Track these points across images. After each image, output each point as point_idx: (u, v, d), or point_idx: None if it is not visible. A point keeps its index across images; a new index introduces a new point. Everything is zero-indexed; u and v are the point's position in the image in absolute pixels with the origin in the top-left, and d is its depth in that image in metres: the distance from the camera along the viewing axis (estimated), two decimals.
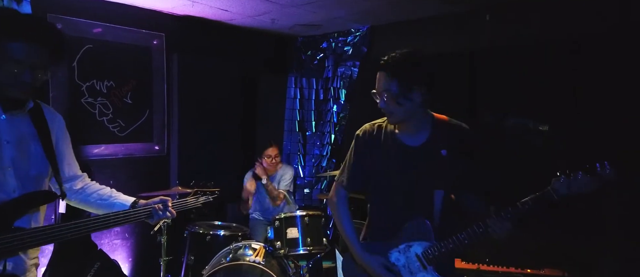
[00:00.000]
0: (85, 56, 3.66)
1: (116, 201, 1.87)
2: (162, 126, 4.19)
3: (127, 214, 1.79)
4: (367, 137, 2.01)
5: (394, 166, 1.94)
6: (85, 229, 1.64)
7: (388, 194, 1.97)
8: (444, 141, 1.92)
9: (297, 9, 3.90)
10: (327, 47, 4.96)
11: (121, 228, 3.99)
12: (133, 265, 4.08)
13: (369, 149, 1.99)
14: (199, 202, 2.19)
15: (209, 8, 3.92)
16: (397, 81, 1.81)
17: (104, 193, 1.90)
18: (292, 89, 5.09)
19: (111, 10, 3.77)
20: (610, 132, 2.89)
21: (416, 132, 1.94)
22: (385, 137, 1.97)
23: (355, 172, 2.04)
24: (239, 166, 4.47)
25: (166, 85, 4.19)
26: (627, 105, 2.90)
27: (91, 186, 1.92)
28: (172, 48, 4.19)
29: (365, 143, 2.01)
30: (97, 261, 3.39)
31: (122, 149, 3.94)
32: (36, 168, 1.67)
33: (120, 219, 1.77)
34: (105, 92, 3.81)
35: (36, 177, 1.67)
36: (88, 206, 1.88)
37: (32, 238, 1.53)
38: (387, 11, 4.00)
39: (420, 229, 1.91)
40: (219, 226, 3.63)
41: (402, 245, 1.93)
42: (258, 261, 3.00)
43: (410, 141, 1.94)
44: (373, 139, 1.99)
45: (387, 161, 1.94)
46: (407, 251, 1.91)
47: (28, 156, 1.65)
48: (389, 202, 1.97)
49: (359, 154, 2.02)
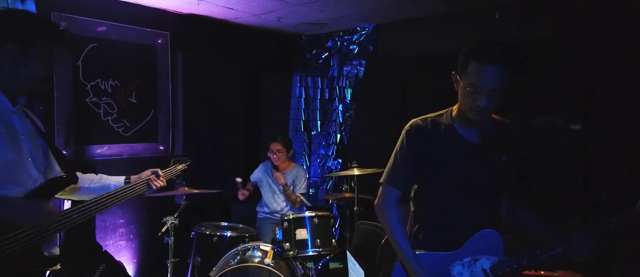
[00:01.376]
0: (90, 55, 3.62)
1: (110, 182, 1.98)
2: (167, 126, 4.15)
3: (131, 187, 1.94)
4: (420, 132, 1.79)
5: (454, 162, 1.75)
6: (102, 205, 1.77)
7: (448, 196, 1.76)
8: (504, 143, 1.77)
9: (304, 7, 3.86)
10: (332, 46, 4.92)
11: (126, 229, 3.96)
12: (138, 266, 4.04)
13: (423, 144, 1.78)
14: (178, 168, 2.39)
15: (215, 6, 3.88)
16: (508, 75, 1.63)
17: (94, 178, 1.99)
18: (297, 88, 5.05)
19: (116, 8, 3.73)
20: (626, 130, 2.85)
21: (480, 127, 1.76)
22: (443, 131, 1.78)
23: (409, 170, 1.79)
24: (244, 165, 4.44)
25: (171, 84, 4.15)
26: None
27: (80, 174, 1.97)
28: (177, 47, 4.16)
29: (419, 137, 1.78)
30: (102, 263, 3.34)
31: (126, 149, 3.90)
32: (47, 159, 1.75)
33: (128, 192, 1.91)
34: (110, 91, 3.77)
35: (48, 168, 1.75)
36: (85, 193, 1.93)
37: (67, 219, 1.63)
38: (394, 9, 3.96)
39: (489, 241, 1.70)
40: (226, 227, 3.59)
41: (468, 258, 1.71)
42: (267, 262, 2.96)
43: (472, 137, 1.77)
44: (428, 134, 1.78)
45: (447, 157, 1.75)
46: (473, 265, 1.70)
47: (38, 147, 1.73)
48: (450, 205, 1.76)
49: (411, 150, 1.79)
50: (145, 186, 2.02)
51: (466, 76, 1.67)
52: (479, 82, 1.63)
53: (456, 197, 1.75)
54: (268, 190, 4.04)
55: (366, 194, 3.85)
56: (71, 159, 3.53)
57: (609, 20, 3.14)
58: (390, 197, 1.80)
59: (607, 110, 2.98)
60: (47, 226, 1.57)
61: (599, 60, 3.07)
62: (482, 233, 1.71)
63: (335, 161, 4.85)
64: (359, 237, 3.42)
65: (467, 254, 1.71)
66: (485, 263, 1.70)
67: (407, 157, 1.79)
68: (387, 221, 1.78)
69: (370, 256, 2.98)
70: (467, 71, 1.67)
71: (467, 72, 1.67)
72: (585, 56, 3.14)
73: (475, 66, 1.64)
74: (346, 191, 4.12)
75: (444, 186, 1.76)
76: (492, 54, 1.63)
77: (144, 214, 4.03)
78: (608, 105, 2.99)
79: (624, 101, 2.95)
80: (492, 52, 1.63)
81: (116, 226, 3.91)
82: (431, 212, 1.80)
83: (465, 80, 1.68)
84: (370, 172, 3.65)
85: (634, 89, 2.92)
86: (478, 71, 1.63)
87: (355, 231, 3.54)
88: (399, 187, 1.81)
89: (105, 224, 3.84)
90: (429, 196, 1.81)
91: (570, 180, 3.07)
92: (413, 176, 1.81)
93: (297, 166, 4.18)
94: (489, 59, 1.62)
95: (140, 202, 3.96)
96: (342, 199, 4.19)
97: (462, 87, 1.70)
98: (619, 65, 3.00)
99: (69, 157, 3.53)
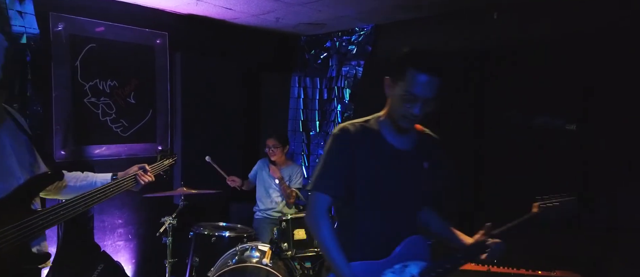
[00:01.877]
0: (88, 55, 3.62)
1: (96, 179, 1.97)
2: (166, 126, 4.15)
3: (118, 183, 1.94)
4: (350, 136, 1.74)
5: (382, 168, 1.74)
6: (91, 201, 1.78)
7: (377, 203, 1.74)
8: (427, 152, 1.81)
9: (303, 7, 3.86)
10: (330, 46, 4.92)
11: (124, 229, 3.96)
12: (136, 267, 4.04)
13: (353, 148, 1.73)
14: (165, 164, 2.38)
15: (213, 7, 3.88)
16: (441, 86, 1.65)
17: (79, 175, 1.97)
18: (295, 88, 5.05)
19: (114, 9, 3.73)
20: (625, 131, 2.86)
21: (406, 135, 1.79)
22: (371, 137, 1.76)
23: (340, 176, 1.73)
24: (243, 165, 4.44)
25: (169, 84, 4.15)
26: None
27: (65, 172, 1.96)
28: (176, 47, 4.15)
29: (348, 142, 1.74)
30: (100, 263, 3.35)
31: (125, 150, 3.90)
32: (31, 155, 1.74)
33: (115, 188, 1.91)
34: (108, 91, 3.76)
35: (32, 165, 1.73)
36: (71, 191, 1.91)
37: (54, 215, 1.64)
38: (392, 10, 3.96)
39: (417, 247, 1.74)
40: (224, 227, 3.59)
41: (398, 265, 1.71)
42: (265, 263, 2.96)
43: (399, 143, 1.78)
44: (357, 139, 1.74)
45: (375, 163, 1.74)
46: (403, 272, 1.71)
47: (21, 144, 1.71)
48: (379, 212, 1.74)
49: (341, 154, 1.74)
50: (133, 182, 2.01)
51: (403, 84, 1.65)
52: (417, 91, 1.63)
53: (385, 204, 1.74)
54: (261, 185, 4.06)
55: None
56: (70, 160, 3.54)
57: (609, 20, 3.13)
58: (321, 205, 1.73)
59: (607, 110, 2.99)
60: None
61: (598, 61, 3.07)
62: (410, 239, 1.73)
63: None
64: None
65: (396, 261, 1.72)
66: (414, 269, 1.72)
67: (337, 161, 1.74)
68: (318, 230, 1.72)
69: None
70: (404, 78, 1.65)
71: (404, 79, 1.65)
72: (585, 56, 3.13)
73: (413, 75, 1.62)
74: None
75: (372, 192, 1.74)
76: (432, 64, 1.63)
77: (142, 215, 4.03)
78: (608, 105, 2.99)
79: (624, 101, 2.95)
80: (432, 63, 1.64)
81: (115, 226, 3.91)
82: (359, 219, 1.76)
83: (401, 88, 1.66)
84: None
85: (634, 89, 2.92)
86: (417, 80, 1.62)
87: None
88: (331, 194, 1.74)
89: (103, 224, 3.84)
90: (356, 202, 1.75)
91: (566, 180, 3.07)
92: (344, 181, 1.74)
93: (295, 164, 4.21)
94: (429, 69, 1.62)
95: (139, 203, 3.96)
96: None
97: (398, 93, 1.68)
98: (618, 66, 3.00)
99: (67, 158, 3.53)
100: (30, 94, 3.23)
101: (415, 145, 1.81)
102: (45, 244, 1.72)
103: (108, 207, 3.84)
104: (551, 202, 1.81)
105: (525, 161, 3.28)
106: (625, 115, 2.93)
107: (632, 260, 2.88)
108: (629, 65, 2.94)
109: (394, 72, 1.70)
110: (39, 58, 3.27)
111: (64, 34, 3.48)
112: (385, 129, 1.78)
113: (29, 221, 1.57)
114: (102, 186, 1.87)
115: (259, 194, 4.08)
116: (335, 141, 1.76)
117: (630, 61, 2.93)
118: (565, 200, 1.83)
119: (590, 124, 2.97)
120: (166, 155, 2.43)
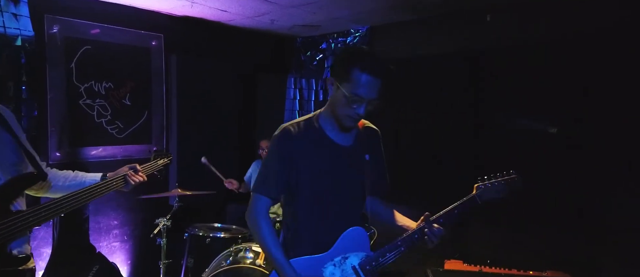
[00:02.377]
0: (84, 57, 3.63)
1: (86, 179, 1.94)
2: (161, 128, 4.17)
3: (107, 183, 1.91)
4: (290, 137, 1.78)
5: (325, 166, 1.78)
6: (75, 201, 1.73)
7: (319, 200, 1.78)
8: (366, 144, 1.86)
9: (297, 9, 3.87)
10: (326, 48, 4.94)
11: (120, 231, 3.97)
12: (132, 268, 4.05)
13: (294, 150, 1.77)
14: (159, 164, 2.31)
15: (208, 9, 3.89)
16: (386, 84, 1.70)
17: (69, 175, 1.95)
18: (291, 89, 5.07)
19: (109, 11, 3.75)
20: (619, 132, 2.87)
21: (348, 132, 1.83)
22: (313, 135, 1.80)
23: (280, 177, 1.78)
24: (239, 167, 4.45)
25: (165, 86, 4.16)
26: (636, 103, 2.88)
27: (56, 171, 1.95)
28: (171, 49, 4.17)
29: (290, 143, 1.78)
30: (95, 264, 3.36)
31: (120, 151, 3.91)
32: (15, 155, 1.71)
33: (102, 189, 1.88)
34: (104, 93, 3.78)
35: (16, 165, 1.71)
36: (60, 190, 1.89)
37: (34, 217, 1.60)
38: (387, 12, 3.98)
39: (355, 238, 1.77)
40: (219, 229, 3.60)
41: (338, 257, 1.76)
42: (259, 264, 2.97)
43: (340, 140, 1.82)
44: (298, 138, 1.78)
45: (318, 161, 1.77)
46: (343, 264, 1.75)
47: (4, 144, 1.68)
48: (321, 208, 1.78)
49: (283, 156, 1.78)
50: (122, 181, 1.98)
51: (348, 85, 1.67)
52: (363, 92, 1.66)
53: (326, 199, 1.78)
54: None
55: None
56: (66, 162, 3.55)
57: (609, 20, 3.13)
58: (261, 205, 1.79)
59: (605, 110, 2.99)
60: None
61: (598, 61, 3.07)
62: (348, 231, 1.77)
63: None
64: None
65: (337, 253, 1.76)
66: (354, 260, 1.77)
67: (278, 163, 1.79)
68: (258, 230, 1.77)
69: None
70: (350, 79, 1.67)
71: (349, 80, 1.67)
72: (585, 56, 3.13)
73: (358, 76, 1.65)
74: None
75: (315, 190, 1.78)
76: (378, 66, 1.67)
77: (138, 216, 4.04)
78: (606, 106, 3.00)
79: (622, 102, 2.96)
80: (378, 65, 1.67)
81: (110, 227, 3.93)
82: (302, 217, 1.81)
83: (346, 88, 1.68)
84: None
85: (632, 90, 2.92)
86: (362, 81, 1.65)
87: None
88: (270, 195, 1.79)
89: (99, 225, 3.85)
90: (299, 200, 1.80)
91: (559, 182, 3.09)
92: (285, 183, 1.79)
93: None
94: (375, 71, 1.65)
95: (135, 204, 3.98)
96: None
97: (342, 94, 1.70)
98: (618, 66, 3.00)
99: (63, 159, 3.54)
100: (25, 96, 3.25)
101: (356, 139, 1.85)
102: (28, 246, 1.70)
103: (104, 208, 3.86)
104: (490, 181, 1.85)
105: (525, 161, 3.29)
106: (623, 116, 2.94)
107: (625, 260, 2.89)
108: (627, 66, 2.95)
109: (338, 73, 1.72)
110: (34, 60, 3.29)
111: (59, 36, 3.50)
112: (327, 127, 1.81)
113: (7, 223, 1.54)
114: (90, 186, 1.84)
115: None
116: (275, 143, 1.81)
117: (629, 62, 2.94)
118: (506, 179, 1.85)
119: (589, 125, 2.98)
120: (160, 155, 2.38)
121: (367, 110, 1.71)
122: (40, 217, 1.62)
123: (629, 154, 2.89)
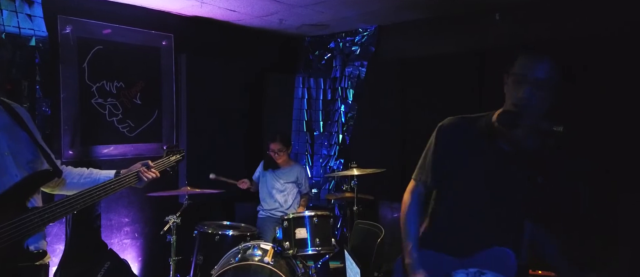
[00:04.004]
0: (95, 57, 3.69)
1: (100, 176, 1.97)
2: (171, 127, 4.22)
3: (120, 180, 1.93)
4: (454, 130, 1.73)
5: (486, 168, 1.66)
6: (89, 198, 1.77)
7: (469, 199, 1.69)
8: (543, 162, 1.64)
9: (306, 9, 3.90)
10: (334, 47, 4.96)
11: (131, 228, 4.03)
12: (143, 264, 4.11)
13: (455, 143, 1.71)
14: (172, 160, 2.34)
15: (218, 9, 3.93)
16: (554, 67, 1.55)
17: (84, 172, 1.99)
18: (299, 89, 5.10)
19: (120, 11, 3.80)
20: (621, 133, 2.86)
21: (519, 137, 1.62)
22: (479, 134, 1.69)
23: (436, 168, 1.73)
24: (247, 165, 4.49)
25: (175, 85, 4.21)
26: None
27: (70, 168, 1.99)
28: (181, 48, 4.22)
29: (452, 136, 1.72)
30: (107, 261, 3.42)
31: (131, 149, 3.97)
32: (31, 153, 1.74)
33: (116, 185, 1.90)
34: (115, 92, 3.84)
35: (32, 162, 1.74)
36: (74, 187, 1.92)
37: (50, 213, 1.64)
38: (395, 11, 3.99)
39: (502, 260, 1.60)
40: (228, 226, 3.65)
41: (474, 269, 1.61)
42: (267, 261, 3.01)
43: (509, 146, 1.66)
44: (461, 134, 1.71)
45: (478, 162, 1.67)
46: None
47: (20, 142, 1.71)
48: (470, 208, 1.68)
49: (440, 148, 1.73)
50: (135, 178, 2.00)
51: (513, 69, 1.62)
52: (525, 72, 1.57)
53: (478, 204, 1.68)
54: (264, 186, 4.11)
55: (366, 193, 3.89)
56: (78, 160, 3.61)
57: (610, 21, 3.13)
58: (415, 192, 1.77)
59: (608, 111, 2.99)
60: None
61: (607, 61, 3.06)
62: (497, 250, 1.63)
63: (337, 161, 4.89)
64: (356, 237, 3.46)
65: (474, 264, 1.63)
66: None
67: (436, 155, 1.74)
68: (406, 214, 1.75)
69: (367, 255, 3.02)
70: (515, 64, 1.62)
71: (514, 65, 1.62)
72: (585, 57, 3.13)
73: (523, 57, 1.60)
74: (347, 190, 4.17)
75: (468, 190, 1.70)
76: (540, 48, 1.61)
77: (148, 213, 4.10)
78: (610, 106, 2.99)
79: (625, 103, 2.95)
80: (540, 48, 1.61)
81: (121, 224, 3.99)
82: (446, 212, 1.75)
83: (512, 74, 1.62)
84: (370, 172, 3.70)
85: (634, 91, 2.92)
86: (524, 61, 1.60)
87: (353, 230, 3.58)
88: (424, 185, 1.76)
89: (110, 223, 3.91)
90: (447, 195, 1.75)
91: None
92: (440, 175, 1.73)
93: (297, 164, 4.24)
94: (536, 50, 1.60)
95: (145, 202, 4.03)
96: (343, 199, 4.24)
97: (509, 82, 1.62)
98: (618, 66, 3.00)
99: (75, 157, 3.61)
100: (39, 95, 3.31)
101: (529, 150, 1.64)
102: (44, 242, 1.73)
103: (115, 206, 3.92)
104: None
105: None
106: (627, 116, 2.94)
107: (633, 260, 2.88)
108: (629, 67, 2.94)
109: (508, 66, 1.65)
110: (48, 60, 3.35)
111: (72, 37, 3.56)
112: (496, 127, 1.65)
113: (23, 219, 1.57)
114: (103, 182, 1.86)
115: (262, 194, 4.13)
116: (437, 134, 1.76)
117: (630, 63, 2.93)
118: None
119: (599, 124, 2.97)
120: (173, 150, 2.40)
121: (537, 96, 1.56)
122: (55, 213, 1.65)
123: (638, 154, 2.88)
